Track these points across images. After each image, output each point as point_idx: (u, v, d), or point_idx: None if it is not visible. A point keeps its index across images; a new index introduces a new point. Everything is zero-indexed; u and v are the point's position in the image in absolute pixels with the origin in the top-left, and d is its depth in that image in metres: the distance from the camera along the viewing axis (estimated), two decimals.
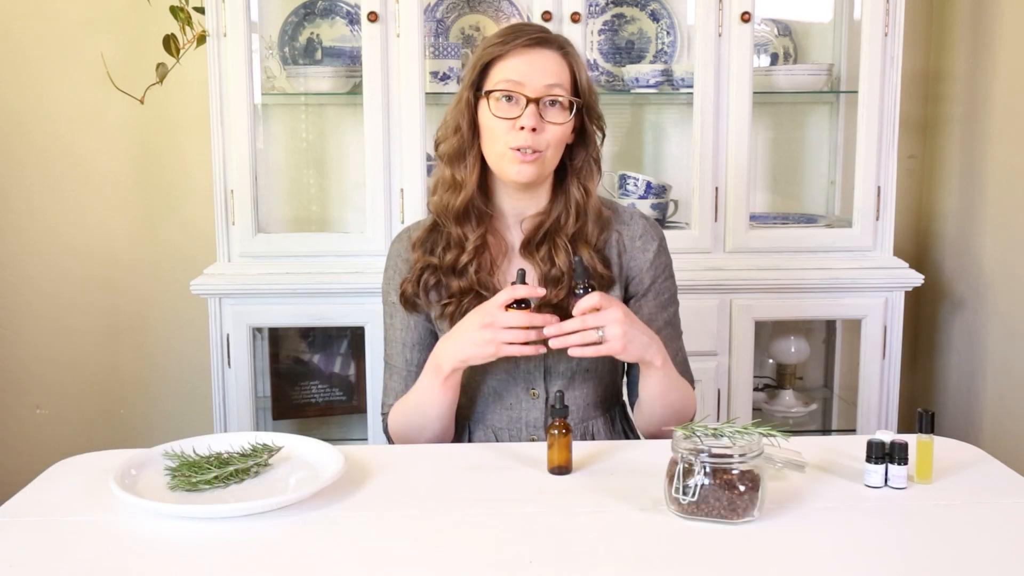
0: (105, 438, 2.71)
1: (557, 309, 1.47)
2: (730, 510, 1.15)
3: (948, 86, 2.63)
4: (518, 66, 1.46)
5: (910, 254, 2.66)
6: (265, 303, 2.31)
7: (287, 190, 2.63)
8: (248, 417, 2.33)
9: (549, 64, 1.47)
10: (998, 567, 1.06)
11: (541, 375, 1.54)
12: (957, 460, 1.35)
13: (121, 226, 2.69)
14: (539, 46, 1.48)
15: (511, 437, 1.55)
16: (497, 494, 1.25)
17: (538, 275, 1.53)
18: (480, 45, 1.53)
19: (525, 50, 1.47)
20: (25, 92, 2.62)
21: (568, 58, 1.49)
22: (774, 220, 2.57)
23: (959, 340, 2.61)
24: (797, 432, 1.62)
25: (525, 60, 1.47)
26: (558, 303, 1.49)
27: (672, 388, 1.49)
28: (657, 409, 1.51)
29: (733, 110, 2.32)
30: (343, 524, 1.17)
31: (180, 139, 2.65)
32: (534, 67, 1.46)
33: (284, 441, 1.37)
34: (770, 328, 2.61)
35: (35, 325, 2.72)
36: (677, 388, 1.51)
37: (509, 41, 1.47)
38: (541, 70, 1.46)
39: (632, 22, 2.59)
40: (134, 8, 2.53)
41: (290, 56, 2.56)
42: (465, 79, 1.52)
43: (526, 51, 1.47)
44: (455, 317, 1.50)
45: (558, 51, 1.49)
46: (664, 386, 1.48)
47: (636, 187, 2.46)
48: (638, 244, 1.57)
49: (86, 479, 1.30)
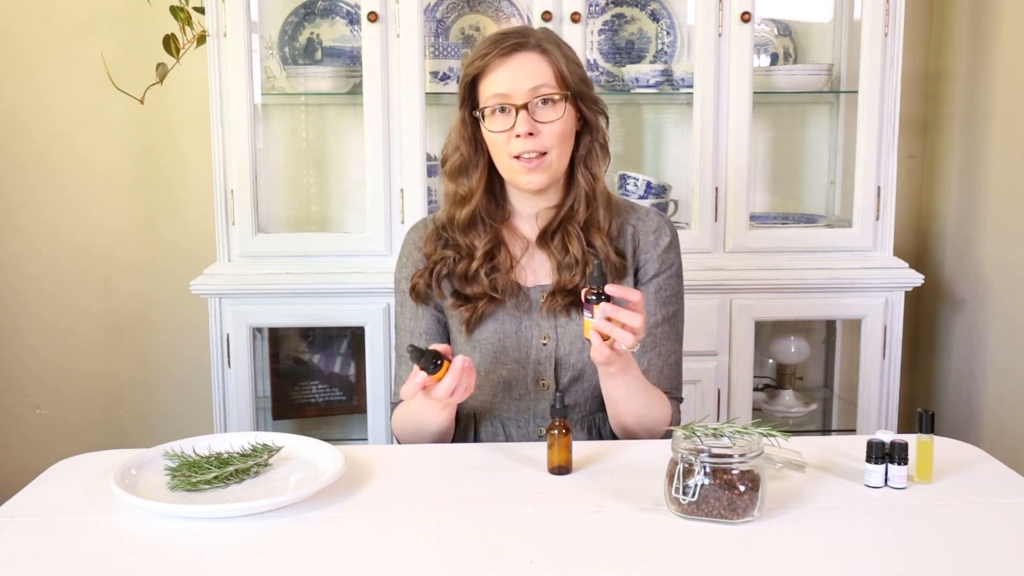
0: (105, 438, 2.71)
1: (570, 294, 1.51)
2: (730, 510, 1.15)
3: (948, 86, 2.63)
4: (501, 77, 1.48)
5: (910, 254, 2.66)
6: (265, 303, 2.31)
7: (287, 190, 2.63)
8: (248, 417, 2.33)
9: (530, 66, 1.49)
10: (998, 567, 1.06)
11: (552, 366, 1.55)
12: (957, 460, 1.35)
13: (121, 226, 2.69)
14: (516, 52, 1.49)
15: (519, 428, 1.56)
16: (497, 494, 1.25)
17: (552, 264, 1.55)
18: (463, 62, 1.55)
19: (504, 59, 1.48)
20: (25, 92, 2.62)
21: (547, 55, 1.50)
22: (774, 220, 2.57)
23: (959, 340, 2.60)
24: (797, 432, 1.62)
25: (506, 69, 1.48)
26: (572, 288, 1.52)
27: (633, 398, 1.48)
28: (621, 410, 1.50)
29: (733, 110, 2.32)
30: (343, 524, 1.17)
31: (180, 139, 2.65)
32: (516, 74, 1.48)
33: (284, 441, 1.37)
34: (770, 328, 2.61)
35: (35, 325, 2.72)
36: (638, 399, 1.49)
37: (487, 54, 1.49)
38: (523, 75, 1.48)
39: (632, 22, 2.59)
40: (134, 8, 2.53)
41: (290, 56, 2.56)
42: (458, 98, 1.55)
43: (505, 60, 1.48)
44: (471, 323, 1.53)
45: (536, 51, 1.50)
46: (621, 393, 1.47)
47: (636, 187, 2.46)
48: (651, 238, 1.59)
49: (86, 479, 1.30)
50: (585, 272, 1.51)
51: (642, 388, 1.48)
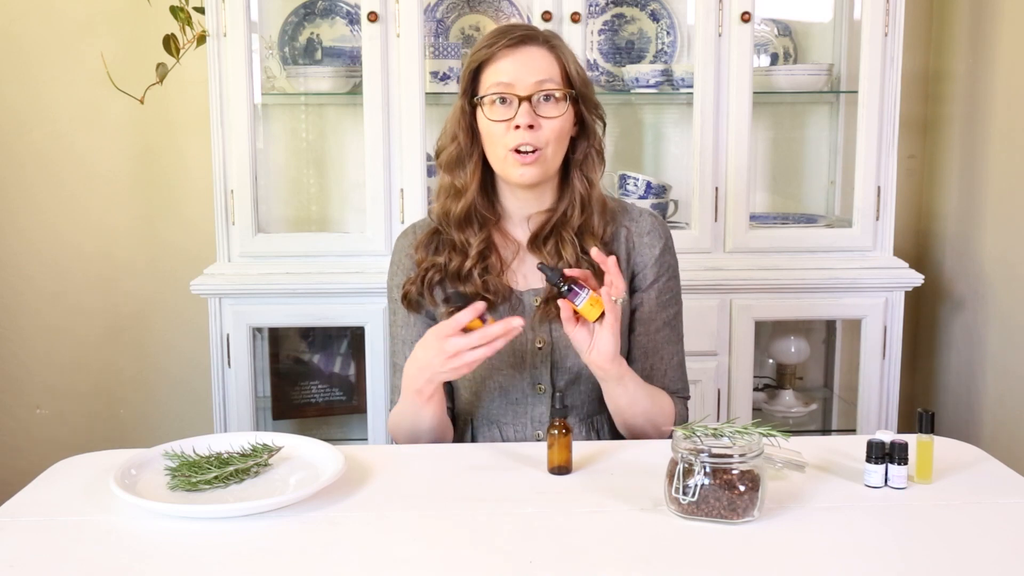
0: (105, 438, 2.71)
1: None
2: (730, 510, 1.15)
3: (948, 86, 2.63)
4: (506, 67, 1.47)
5: (910, 254, 2.66)
6: (265, 303, 2.31)
7: (287, 190, 2.63)
8: (248, 417, 2.33)
9: (537, 60, 1.47)
10: (998, 567, 1.06)
11: (547, 370, 1.54)
12: (957, 460, 1.35)
13: (121, 226, 2.69)
14: (524, 44, 1.48)
15: (516, 432, 1.55)
16: (497, 494, 1.25)
17: None
18: (469, 51, 1.54)
19: (511, 50, 1.47)
20: (25, 92, 2.62)
21: (555, 51, 1.49)
22: (774, 220, 2.57)
23: (959, 340, 2.60)
24: (797, 432, 1.62)
25: (512, 60, 1.47)
26: None
27: (638, 399, 1.48)
28: (631, 414, 1.50)
29: (733, 110, 2.32)
30: (343, 524, 1.17)
31: (180, 139, 2.65)
32: (522, 65, 1.47)
33: (284, 441, 1.37)
34: (770, 328, 2.61)
35: (35, 325, 2.72)
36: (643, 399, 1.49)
37: (495, 43, 1.48)
38: (529, 67, 1.47)
39: (632, 22, 2.59)
40: (134, 8, 2.53)
41: (290, 56, 2.56)
42: (460, 85, 1.53)
43: (512, 51, 1.47)
44: None
45: (544, 46, 1.49)
46: (627, 398, 1.47)
47: (636, 187, 2.46)
48: (645, 240, 1.57)
49: (86, 479, 1.30)
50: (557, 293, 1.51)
51: (645, 390, 1.49)
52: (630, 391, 1.46)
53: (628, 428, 1.52)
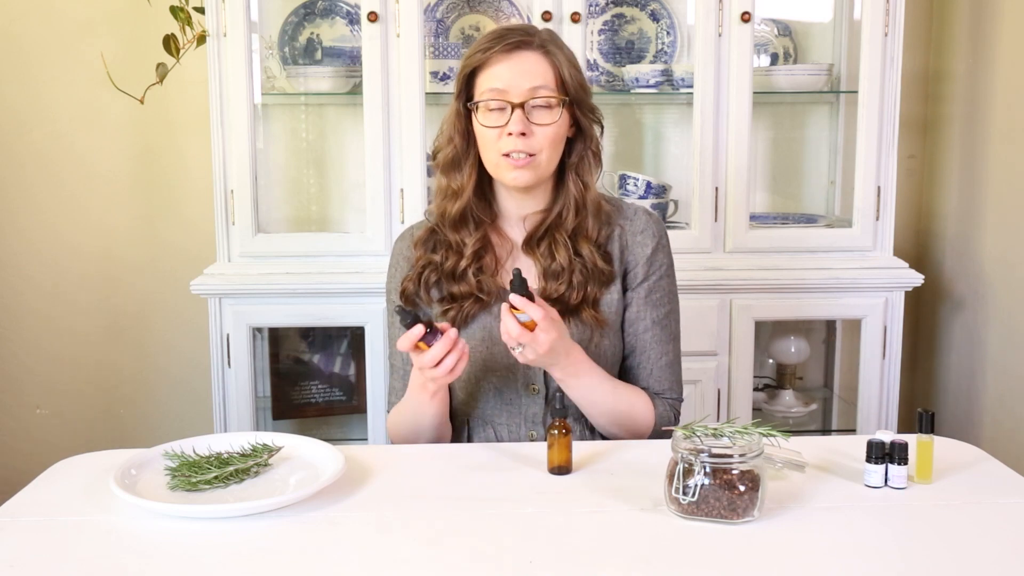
0: (105, 438, 2.71)
1: (556, 303, 1.49)
2: (730, 510, 1.15)
3: (948, 86, 2.63)
4: (500, 73, 1.47)
5: (910, 254, 2.66)
6: (265, 303, 2.31)
7: (287, 190, 2.63)
8: (248, 417, 2.34)
9: (531, 66, 1.47)
10: (998, 567, 1.06)
11: (541, 370, 1.54)
12: (957, 460, 1.35)
13: (121, 226, 2.69)
14: (519, 49, 1.48)
15: (510, 432, 1.56)
16: (497, 494, 1.25)
17: (538, 271, 1.54)
18: (465, 53, 1.54)
19: (506, 55, 1.47)
20: (25, 92, 2.62)
21: (550, 57, 1.49)
22: (774, 220, 2.57)
23: (959, 340, 2.60)
24: (797, 432, 1.62)
25: (507, 66, 1.47)
26: (558, 297, 1.51)
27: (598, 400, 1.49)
28: (590, 413, 1.51)
29: (733, 110, 2.32)
30: (343, 524, 1.17)
31: (180, 139, 2.65)
32: (516, 71, 1.47)
33: (284, 441, 1.37)
34: (770, 328, 2.61)
35: (35, 325, 2.72)
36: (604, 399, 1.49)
37: (490, 48, 1.47)
38: (523, 73, 1.47)
39: (632, 22, 2.59)
40: (134, 8, 2.53)
41: (290, 56, 2.56)
42: (455, 88, 1.53)
43: (507, 56, 1.47)
44: (457, 322, 1.51)
45: (539, 51, 1.49)
46: (585, 398, 1.48)
47: (636, 187, 2.46)
48: (638, 239, 1.57)
49: (86, 479, 1.30)
50: (571, 280, 1.51)
51: (611, 391, 1.49)
52: (585, 389, 1.46)
53: (596, 425, 1.52)
